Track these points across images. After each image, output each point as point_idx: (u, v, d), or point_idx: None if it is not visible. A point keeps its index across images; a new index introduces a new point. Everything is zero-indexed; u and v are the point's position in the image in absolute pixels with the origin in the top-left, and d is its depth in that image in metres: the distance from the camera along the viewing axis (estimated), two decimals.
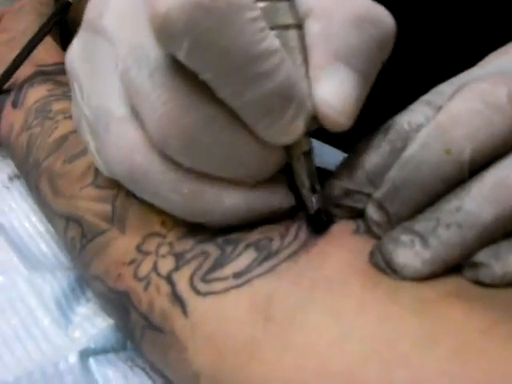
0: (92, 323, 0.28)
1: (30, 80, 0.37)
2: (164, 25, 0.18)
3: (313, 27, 0.21)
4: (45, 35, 0.38)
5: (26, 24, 0.42)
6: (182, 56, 0.19)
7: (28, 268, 0.31)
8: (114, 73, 0.22)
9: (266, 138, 0.21)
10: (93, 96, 0.23)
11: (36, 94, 0.36)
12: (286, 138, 0.21)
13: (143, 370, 0.27)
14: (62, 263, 0.32)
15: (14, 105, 0.37)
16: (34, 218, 0.35)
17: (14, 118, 0.36)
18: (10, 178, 0.39)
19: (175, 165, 0.22)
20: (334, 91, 0.21)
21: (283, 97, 0.20)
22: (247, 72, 0.19)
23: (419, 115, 0.22)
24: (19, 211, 0.36)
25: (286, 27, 0.21)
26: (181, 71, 0.20)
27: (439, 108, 0.21)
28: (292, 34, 0.21)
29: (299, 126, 0.21)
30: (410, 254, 0.20)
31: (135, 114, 0.22)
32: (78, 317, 0.29)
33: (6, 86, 0.38)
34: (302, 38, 0.21)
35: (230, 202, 0.22)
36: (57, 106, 0.34)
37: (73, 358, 0.26)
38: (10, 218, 0.36)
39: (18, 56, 0.37)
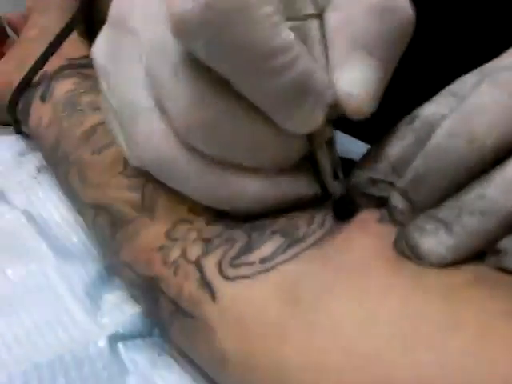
0: (120, 310, 0.29)
1: (58, 74, 0.38)
2: (179, 25, 0.19)
3: (333, 16, 0.22)
4: (70, 31, 0.38)
5: (52, 20, 0.43)
6: (199, 53, 0.20)
7: (57, 257, 0.32)
8: (139, 67, 0.23)
9: (286, 127, 0.22)
10: (119, 89, 0.24)
11: (64, 87, 0.37)
12: (306, 128, 0.22)
13: (170, 355, 0.27)
14: (91, 252, 0.33)
15: (43, 98, 0.38)
16: (62, 209, 0.36)
17: (43, 111, 0.37)
18: (38, 170, 0.40)
19: (200, 155, 0.22)
20: (355, 80, 0.21)
21: (301, 89, 0.20)
22: (263, 67, 0.20)
23: (443, 106, 0.22)
24: (48, 201, 0.37)
25: (306, 17, 0.21)
26: (202, 66, 0.21)
27: (463, 98, 0.21)
28: (312, 23, 0.22)
29: (319, 116, 0.21)
30: (434, 241, 0.20)
31: (160, 106, 0.22)
32: (107, 304, 0.30)
33: (34, 80, 0.39)
34: (322, 28, 0.22)
35: (255, 189, 0.23)
36: (84, 99, 0.35)
37: (102, 343, 0.27)
38: (39, 208, 0.36)
39: (45, 51, 0.38)
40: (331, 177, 0.23)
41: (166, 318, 0.25)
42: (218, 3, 0.19)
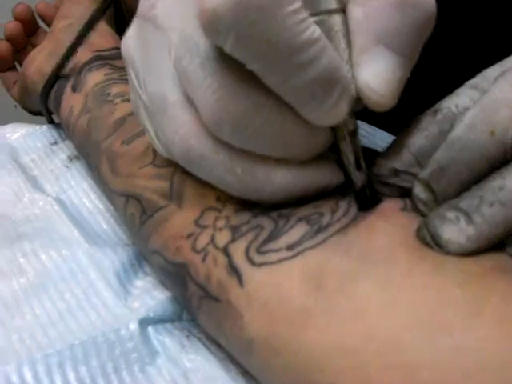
0: (150, 295, 0.30)
1: (89, 65, 0.39)
2: (211, 21, 0.20)
3: (355, 11, 0.22)
4: (97, 20, 0.39)
5: (82, 10, 0.44)
6: (228, 48, 0.20)
7: (89, 243, 0.33)
8: (168, 60, 0.23)
9: (312, 120, 0.22)
10: (149, 82, 0.24)
11: (94, 78, 0.38)
12: (330, 120, 0.22)
13: (199, 339, 0.28)
14: (121, 239, 0.34)
15: (74, 89, 0.39)
16: (93, 197, 0.37)
17: (74, 101, 0.38)
18: (70, 159, 0.41)
19: (228, 146, 0.23)
20: (377, 74, 0.22)
21: (326, 82, 0.21)
22: (290, 62, 0.20)
23: (466, 98, 0.22)
24: (79, 189, 0.38)
25: (330, 12, 0.22)
26: (230, 60, 0.21)
27: (484, 91, 0.21)
28: (336, 18, 0.22)
29: (343, 109, 0.22)
30: (455, 230, 0.21)
31: (189, 99, 0.23)
32: (137, 289, 0.30)
33: (65, 72, 0.40)
34: (345, 22, 0.22)
35: (281, 180, 0.23)
36: (115, 90, 0.36)
37: (133, 326, 0.28)
38: (71, 196, 0.38)
39: (74, 40, 0.39)
40: (354, 167, 0.24)
41: (195, 303, 0.25)
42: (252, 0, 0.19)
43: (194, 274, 0.25)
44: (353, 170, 0.24)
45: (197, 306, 0.25)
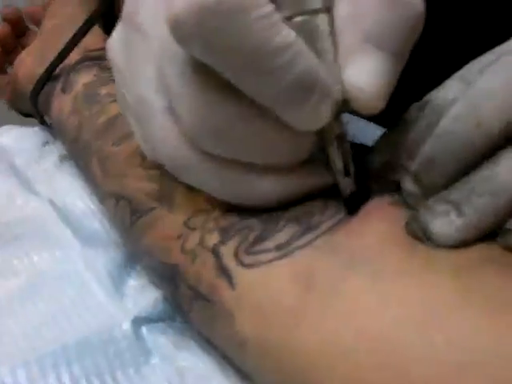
0: (143, 295, 0.30)
1: (78, 65, 0.39)
2: (175, 27, 0.19)
3: (342, 10, 0.21)
4: (92, 25, 0.39)
5: (71, 9, 0.44)
6: (197, 56, 0.20)
7: (82, 243, 0.33)
8: (152, 66, 0.23)
9: (294, 125, 0.21)
10: (133, 87, 0.24)
11: (84, 78, 0.38)
12: (313, 125, 0.22)
13: (192, 338, 0.28)
14: (114, 239, 0.34)
15: (63, 90, 0.38)
16: (85, 197, 0.37)
17: (64, 102, 0.38)
18: (61, 159, 0.41)
19: (212, 155, 0.23)
20: (365, 74, 0.21)
21: (304, 87, 0.20)
22: (262, 68, 0.19)
23: (453, 90, 0.22)
24: (71, 190, 0.38)
25: (315, 12, 0.21)
26: (207, 68, 0.20)
27: (470, 83, 0.21)
28: (321, 18, 0.21)
29: (325, 113, 0.21)
30: (444, 222, 0.21)
31: (172, 107, 0.23)
32: (130, 289, 0.30)
33: (55, 73, 0.40)
34: (331, 22, 0.21)
35: (268, 187, 0.23)
36: (104, 90, 0.36)
37: (126, 325, 0.28)
38: (63, 197, 0.37)
39: (66, 45, 0.39)
40: (342, 174, 0.23)
41: (186, 304, 0.25)
42: (214, 4, 0.18)
43: (185, 274, 0.25)
44: (340, 178, 0.23)
45: (188, 306, 0.25)
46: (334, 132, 0.23)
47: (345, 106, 0.22)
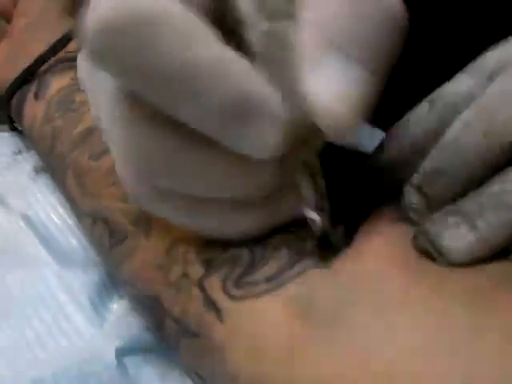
0: (127, 321, 0.28)
1: (54, 67, 0.37)
2: (89, 48, 0.17)
3: (305, 15, 0.18)
4: (69, 41, 0.37)
5: (41, 5, 0.41)
6: (115, 79, 0.18)
7: (58, 262, 0.31)
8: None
9: (241, 152, 0.19)
10: (99, 111, 0.22)
11: (59, 82, 0.36)
12: (262, 152, 0.19)
13: (179, 368, 0.27)
14: (93, 258, 0.32)
15: (36, 95, 0.36)
16: (61, 211, 0.35)
17: (37, 109, 0.36)
18: (36, 170, 0.38)
19: (172, 193, 0.21)
20: (329, 85, 0.17)
21: (239, 110, 0.18)
22: (182, 91, 0.17)
23: (462, 85, 0.21)
24: (46, 204, 0.36)
25: (286, 18, 0.18)
26: (137, 101, 0.18)
27: (479, 84, 0.21)
28: (290, 26, 0.18)
29: (273, 138, 0.18)
30: (456, 236, 0.20)
31: None
32: (112, 315, 0.29)
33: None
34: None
35: (240, 222, 0.22)
36: (80, 97, 0.34)
37: (109, 357, 0.27)
38: (37, 211, 0.36)
39: (42, 54, 0.37)
40: (313, 206, 0.21)
41: (172, 337, 0.24)
42: (124, 22, 0.16)
43: (169, 307, 0.24)
44: (310, 213, 0.21)
45: (175, 340, 0.24)
46: (299, 158, 0.20)
47: (307, 130, 0.19)
